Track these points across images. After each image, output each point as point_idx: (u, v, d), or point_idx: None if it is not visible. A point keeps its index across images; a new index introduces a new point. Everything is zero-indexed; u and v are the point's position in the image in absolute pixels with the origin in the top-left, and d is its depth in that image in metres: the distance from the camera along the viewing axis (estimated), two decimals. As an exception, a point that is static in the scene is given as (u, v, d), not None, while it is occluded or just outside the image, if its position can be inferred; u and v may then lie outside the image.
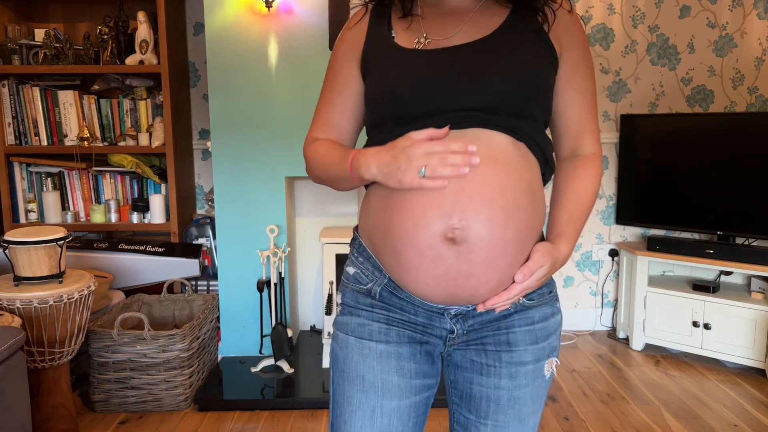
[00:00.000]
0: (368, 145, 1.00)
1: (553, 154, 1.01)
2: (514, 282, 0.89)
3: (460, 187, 0.85)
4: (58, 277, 2.04)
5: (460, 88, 0.90)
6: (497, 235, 0.85)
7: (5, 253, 2.01)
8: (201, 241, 3.02)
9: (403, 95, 0.92)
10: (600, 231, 3.30)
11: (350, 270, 1.02)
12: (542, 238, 0.98)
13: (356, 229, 1.05)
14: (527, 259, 0.90)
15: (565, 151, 1.02)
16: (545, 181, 0.99)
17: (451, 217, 0.85)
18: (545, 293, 1.00)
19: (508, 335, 0.97)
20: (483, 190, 0.85)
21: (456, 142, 0.84)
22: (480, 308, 0.90)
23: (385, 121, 0.96)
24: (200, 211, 3.24)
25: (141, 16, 2.80)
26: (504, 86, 0.90)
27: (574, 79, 0.99)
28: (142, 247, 2.82)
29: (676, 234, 3.15)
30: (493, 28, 0.96)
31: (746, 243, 2.87)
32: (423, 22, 0.99)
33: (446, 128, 0.86)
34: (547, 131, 1.02)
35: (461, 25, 0.97)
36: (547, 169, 0.98)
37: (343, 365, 1.00)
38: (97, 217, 2.95)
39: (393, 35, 1.00)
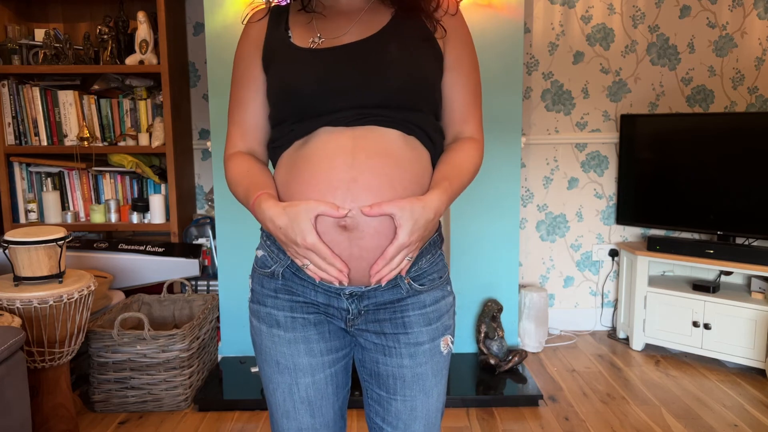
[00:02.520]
0: (273, 139, 1.06)
1: (444, 143, 1.08)
2: (386, 249, 0.93)
3: (352, 178, 0.93)
4: (58, 277, 2.04)
5: (352, 87, 0.98)
6: (384, 223, 0.93)
7: (5, 253, 2.01)
8: (201, 241, 3.02)
9: (298, 95, 1.00)
10: (600, 231, 3.30)
11: (259, 253, 1.11)
12: (435, 232, 1.06)
13: None
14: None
15: (449, 139, 1.09)
16: None
17: (344, 206, 0.93)
18: (435, 278, 1.07)
19: (404, 319, 1.04)
20: (372, 182, 0.94)
21: (336, 259, 0.93)
22: (373, 282, 0.95)
23: (285, 119, 1.03)
24: (200, 211, 3.24)
25: (141, 16, 2.80)
26: (391, 83, 0.98)
27: (457, 69, 1.07)
28: (142, 247, 2.82)
29: (676, 234, 3.15)
30: (380, 26, 1.04)
31: (746, 243, 2.87)
32: (317, 21, 1.06)
33: (343, 212, 0.91)
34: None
35: (351, 24, 1.04)
36: (438, 156, 1.06)
37: (260, 350, 1.10)
38: (97, 217, 2.95)
39: (290, 35, 1.06)
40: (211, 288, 2.98)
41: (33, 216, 2.96)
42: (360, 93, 0.98)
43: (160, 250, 2.82)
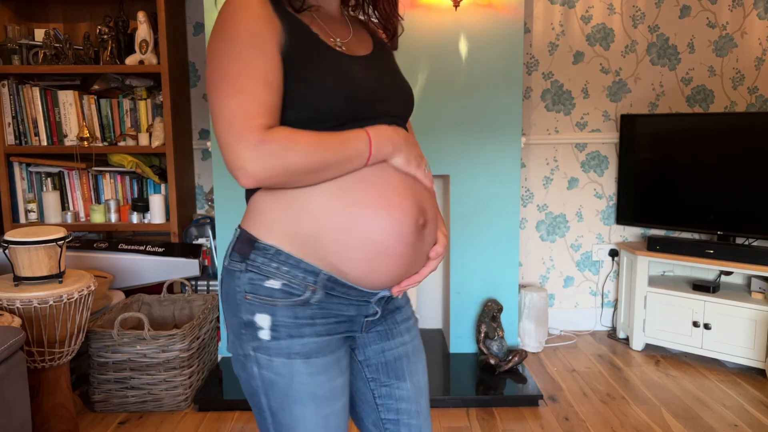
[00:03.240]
0: None
1: None
2: (428, 258, 1.05)
3: (413, 180, 1.02)
4: (58, 277, 2.04)
5: (392, 96, 1.03)
6: (432, 235, 1.05)
7: (5, 253, 2.01)
8: (201, 241, 3.02)
9: (354, 98, 0.95)
10: (600, 231, 3.30)
11: (275, 284, 0.95)
12: None
13: (257, 240, 0.97)
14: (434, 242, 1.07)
15: None
16: None
17: (417, 206, 1.00)
18: None
19: (393, 301, 1.13)
20: (427, 184, 1.06)
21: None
22: (394, 292, 1.04)
23: (324, 120, 0.93)
24: (200, 211, 3.24)
25: (141, 16, 2.80)
26: (409, 96, 1.08)
27: None
28: (142, 247, 2.82)
29: (676, 234, 3.15)
30: (370, 42, 1.09)
31: (746, 243, 2.87)
32: (323, 24, 1.01)
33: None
34: None
35: (350, 35, 1.05)
36: None
37: (288, 390, 0.98)
38: (97, 217, 2.95)
39: (313, 30, 0.96)
40: (211, 288, 2.98)
41: (33, 216, 2.96)
42: (396, 103, 1.04)
43: (160, 250, 2.82)
